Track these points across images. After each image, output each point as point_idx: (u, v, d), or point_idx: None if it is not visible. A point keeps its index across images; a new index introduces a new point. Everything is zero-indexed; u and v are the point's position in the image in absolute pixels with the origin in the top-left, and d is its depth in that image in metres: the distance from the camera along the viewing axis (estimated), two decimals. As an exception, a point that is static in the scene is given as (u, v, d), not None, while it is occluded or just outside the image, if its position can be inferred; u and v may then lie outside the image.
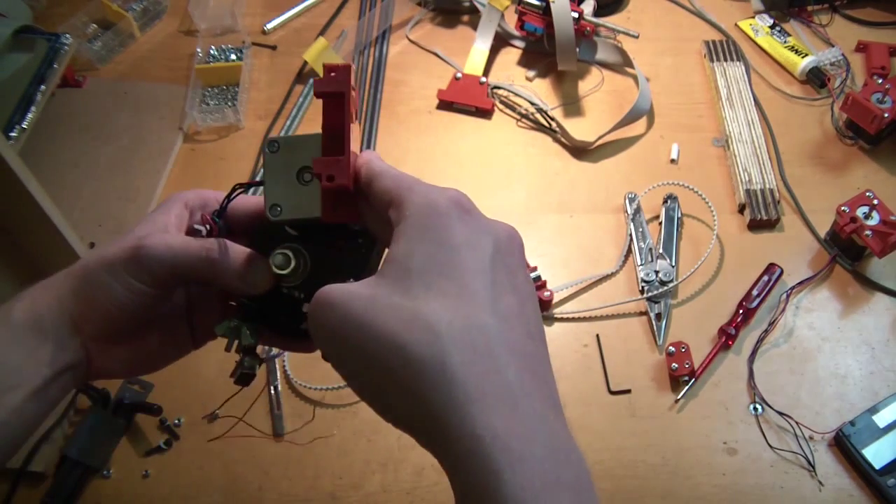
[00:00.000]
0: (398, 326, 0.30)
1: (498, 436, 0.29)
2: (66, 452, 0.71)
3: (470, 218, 0.34)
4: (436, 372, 0.30)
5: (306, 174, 0.40)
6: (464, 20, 1.11)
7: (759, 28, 1.05)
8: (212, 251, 0.40)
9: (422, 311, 0.31)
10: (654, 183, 0.89)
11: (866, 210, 0.80)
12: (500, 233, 0.35)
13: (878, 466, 0.69)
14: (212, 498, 0.71)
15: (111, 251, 0.40)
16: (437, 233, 0.33)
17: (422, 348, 0.30)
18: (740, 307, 0.79)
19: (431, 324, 0.30)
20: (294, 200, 0.40)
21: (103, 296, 0.40)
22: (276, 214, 0.40)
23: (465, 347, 0.30)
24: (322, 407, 0.76)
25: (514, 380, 0.30)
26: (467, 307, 0.31)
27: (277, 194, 0.40)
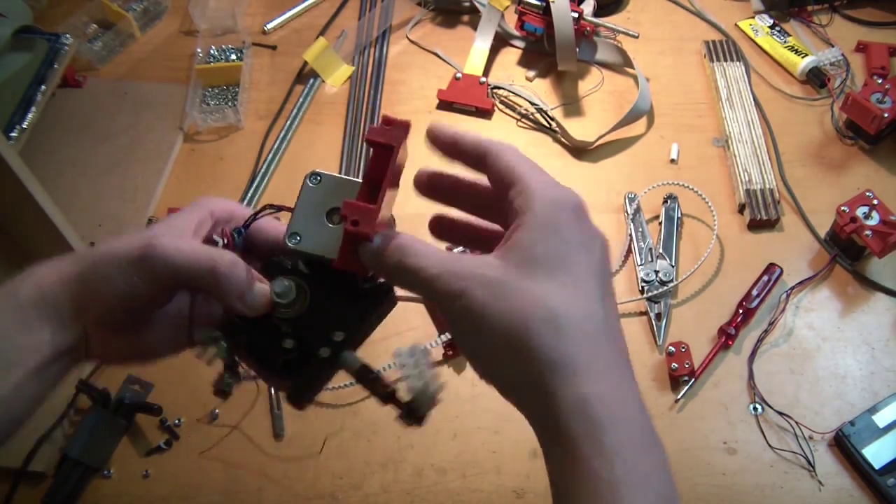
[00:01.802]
0: (525, 307, 0.35)
1: (602, 398, 0.34)
2: (67, 452, 0.71)
3: (587, 221, 0.39)
4: (553, 349, 0.34)
5: (336, 216, 0.40)
6: (464, 20, 1.11)
7: (759, 28, 1.05)
8: (219, 264, 0.40)
9: (546, 297, 0.35)
10: (654, 183, 0.89)
11: (866, 210, 0.80)
12: (604, 239, 0.39)
13: (878, 466, 0.69)
14: (212, 498, 0.71)
15: (122, 245, 0.40)
16: (561, 230, 0.37)
17: (543, 328, 0.34)
18: (740, 307, 0.79)
19: (552, 309, 0.35)
20: (316, 235, 0.40)
21: (106, 288, 0.40)
22: (294, 242, 0.40)
23: (578, 331, 0.35)
24: (322, 407, 0.76)
25: (612, 360, 0.36)
26: (581, 299, 0.36)
27: (302, 224, 0.40)
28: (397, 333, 0.80)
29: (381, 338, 0.80)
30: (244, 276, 0.40)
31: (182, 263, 0.39)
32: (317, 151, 0.97)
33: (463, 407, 0.75)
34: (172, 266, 0.39)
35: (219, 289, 0.40)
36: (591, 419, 0.34)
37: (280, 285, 0.40)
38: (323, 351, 0.41)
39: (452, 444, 0.73)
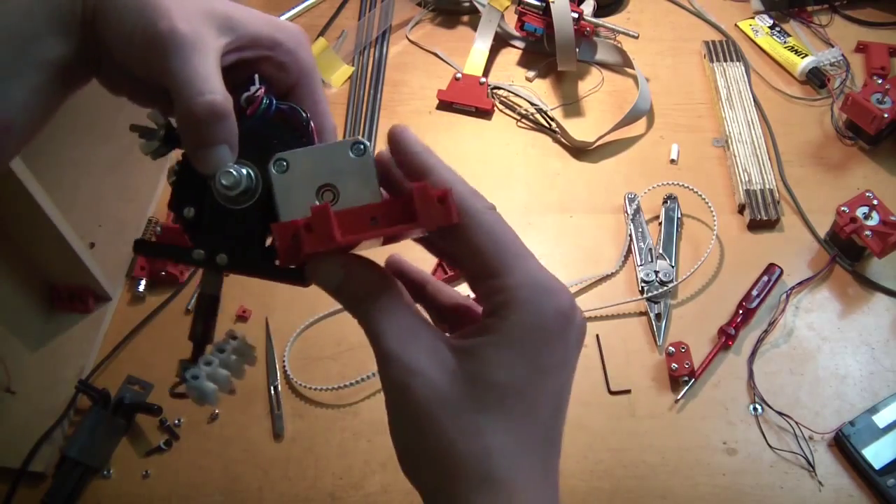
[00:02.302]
0: (459, 437, 0.31)
1: None
2: (66, 452, 0.71)
3: (570, 331, 0.33)
4: (480, 483, 0.31)
5: (327, 191, 0.34)
6: (464, 20, 1.11)
7: (758, 28, 1.05)
8: (215, 111, 0.34)
9: (484, 434, 0.31)
10: (654, 183, 0.89)
11: (866, 210, 0.80)
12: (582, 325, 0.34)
13: (878, 466, 0.69)
14: (212, 498, 0.71)
15: (166, 5, 0.34)
16: (536, 355, 0.32)
17: (474, 463, 0.31)
18: (740, 307, 0.79)
19: (490, 448, 0.31)
20: None
21: (118, 36, 0.35)
22: None
23: (511, 465, 0.31)
24: (322, 407, 0.76)
25: (538, 491, 0.32)
26: (528, 430, 0.32)
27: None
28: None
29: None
30: (222, 134, 0.35)
31: (186, 80, 0.33)
32: (317, 151, 0.97)
33: (463, 407, 0.75)
34: (177, 75, 0.34)
35: (190, 126, 0.34)
36: None
37: (231, 176, 0.35)
38: (197, 253, 0.37)
39: (452, 445, 0.73)
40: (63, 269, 0.79)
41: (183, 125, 0.35)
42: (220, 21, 0.35)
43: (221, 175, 0.35)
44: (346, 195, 0.34)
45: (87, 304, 0.81)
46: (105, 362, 0.79)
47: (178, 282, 0.84)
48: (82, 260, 0.77)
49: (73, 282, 0.81)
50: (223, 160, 0.35)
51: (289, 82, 0.39)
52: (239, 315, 0.82)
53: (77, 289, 0.81)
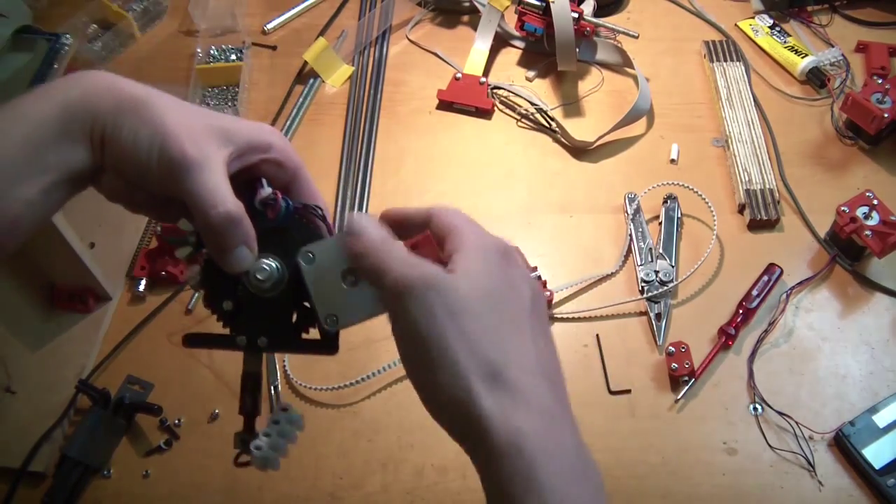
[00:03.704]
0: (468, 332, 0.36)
1: (536, 431, 0.35)
2: (66, 452, 0.71)
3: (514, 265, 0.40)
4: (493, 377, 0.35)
5: (350, 276, 0.40)
6: (464, 20, 1.11)
7: (758, 28, 1.06)
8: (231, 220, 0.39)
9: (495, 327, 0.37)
10: (654, 183, 0.89)
11: (866, 210, 0.80)
12: (534, 283, 0.40)
13: (878, 466, 0.69)
14: (212, 498, 0.71)
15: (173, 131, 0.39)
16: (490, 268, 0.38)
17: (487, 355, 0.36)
18: (740, 307, 0.79)
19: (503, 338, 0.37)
20: (346, 306, 0.41)
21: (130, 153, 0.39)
22: (334, 324, 0.41)
23: (516, 366, 0.36)
24: (322, 407, 0.76)
25: (547, 394, 0.37)
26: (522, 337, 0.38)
27: (328, 304, 0.41)
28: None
29: (382, 337, 0.80)
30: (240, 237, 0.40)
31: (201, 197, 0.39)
32: (317, 151, 0.97)
33: (463, 407, 0.75)
34: (193, 194, 0.39)
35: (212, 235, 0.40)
36: (525, 455, 0.34)
37: (265, 272, 0.41)
38: (240, 339, 0.43)
39: (452, 444, 0.73)
40: (63, 269, 0.79)
41: (205, 235, 0.40)
42: (219, 134, 0.40)
43: (257, 271, 0.41)
44: None
45: (87, 304, 0.81)
46: (105, 362, 0.79)
47: (178, 282, 0.84)
48: (82, 260, 0.77)
49: (73, 282, 0.81)
50: (245, 259, 0.41)
51: (286, 177, 0.44)
52: (239, 315, 0.82)
53: (77, 289, 0.81)
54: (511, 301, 0.38)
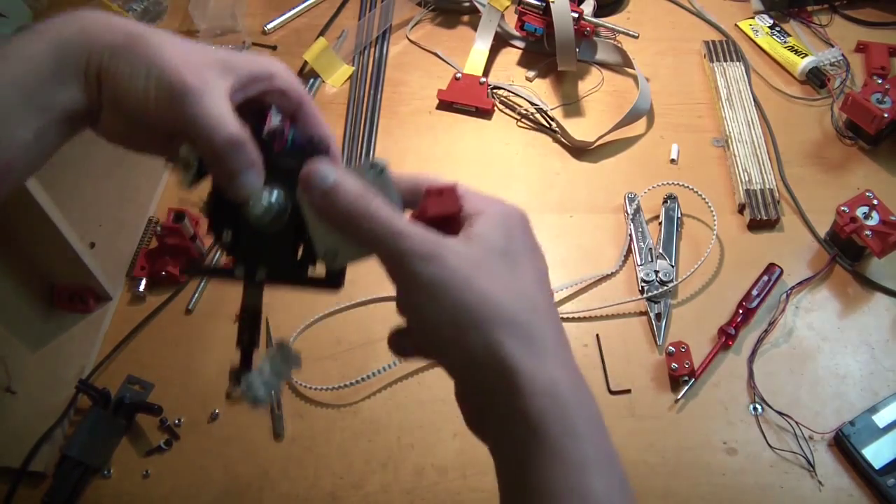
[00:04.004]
0: (500, 285, 0.36)
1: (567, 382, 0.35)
2: (66, 452, 0.71)
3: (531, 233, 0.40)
4: (524, 330, 0.35)
5: None
6: (464, 20, 1.11)
7: (758, 28, 1.06)
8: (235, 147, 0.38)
9: (516, 282, 0.37)
10: (654, 183, 0.89)
11: (866, 210, 0.80)
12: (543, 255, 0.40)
13: (878, 466, 0.69)
14: (212, 498, 0.71)
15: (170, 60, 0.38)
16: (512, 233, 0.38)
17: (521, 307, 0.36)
18: (740, 307, 0.79)
19: (527, 293, 0.37)
20: (346, 243, 0.39)
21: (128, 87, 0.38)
22: (332, 262, 0.40)
23: (544, 321, 0.37)
24: (322, 407, 0.76)
25: (569, 353, 0.38)
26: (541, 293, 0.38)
27: (328, 240, 0.39)
28: (397, 333, 0.80)
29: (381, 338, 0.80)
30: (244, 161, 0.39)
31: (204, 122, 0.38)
32: (317, 151, 0.97)
33: (463, 407, 0.75)
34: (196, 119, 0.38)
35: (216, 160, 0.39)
36: (560, 400, 0.35)
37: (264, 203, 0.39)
38: (238, 270, 0.42)
39: (452, 444, 0.73)
40: (63, 269, 0.79)
41: (210, 161, 0.39)
42: (219, 65, 0.40)
43: (253, 206, 0.39)
44: None
45: (87, 304, 0.81)
46: (105, 362, 0.79)
47: (179, 282, 0.84)
48: (82, 260, 0.77)
49: (73, 282, 0.81)
50: (251, 185, 0.39)
51: (291, 107, 0.43)
52: (239, 315, 0.82)
53: (77, 289, 0.81)
54: (533, 261, 0.38)
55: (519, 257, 0.38)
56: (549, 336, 0.36)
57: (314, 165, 0.38)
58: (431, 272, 0.35)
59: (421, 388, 0.77)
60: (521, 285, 0.37)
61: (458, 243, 0.36)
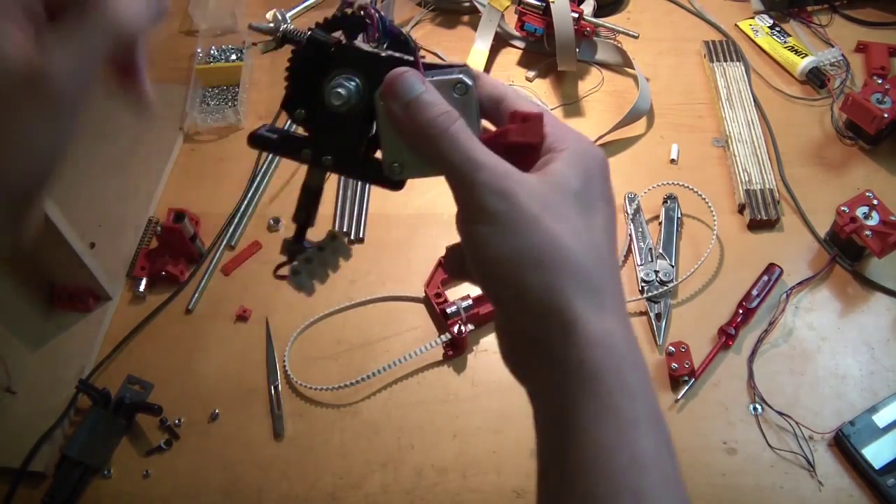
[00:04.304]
0: (568, 228, 0.35)
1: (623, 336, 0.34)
2: (66, 452, 0.71)
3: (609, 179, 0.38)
4: (589, 276, 0.34)
5: None
6: (464, 20, 1.11)
7: (758, 28, 1.06)
8: None
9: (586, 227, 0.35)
10: (654, 183, 0.89)
11: (866, 210, 0.80)
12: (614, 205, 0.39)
13: (878, 466, 0.69)
14: (212, 498, 0.71)
15: None
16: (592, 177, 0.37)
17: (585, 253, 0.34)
18: (740, 307, 0.79)
19: (594, 240, 0.35)
20: (415, 158, 0.37)
21: None
22: (398, 173, 0.38)
23: (607, 269, 0.35)
24: (322, 407, 0.76)
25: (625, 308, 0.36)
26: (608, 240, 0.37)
27: (396, 151, 0.38)
28: (397, 333, 0.80)
29: (381, 338, 0.80)
30: None
31: None
32: (317, 151, 0.97)
33: (463, 407, 0.75)
34: None
35: None
36: (616, 353, 0.33)
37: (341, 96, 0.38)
38: (305, 153, 0.40)
39: (452, 444, 0.73)
40: (63, 269, 0.79)
41: None
42: None
43: (332, 94, 0.38)
44: None
45: (87, 304, 0.81)
46: (105, 362, 0.79)
47: (179, 282, 0.84)
48: (82, 260, 0.77)
49: (73, 282, 0.81)
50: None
51: None
52: (239, 315, 0.82)
53: (77, 289, 0.81)
54: (606, 209, 0.37)
55: (594, 202, 0.36)
56: (610, 288, 0.35)
57: (401, 73, 0.36)
58: (501, 208, 0.34)
59: (421, 388, 0.77)
60: (591, 233, 0.35)
61: (534, 180, 0.35)
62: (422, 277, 0.83)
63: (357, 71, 0.38)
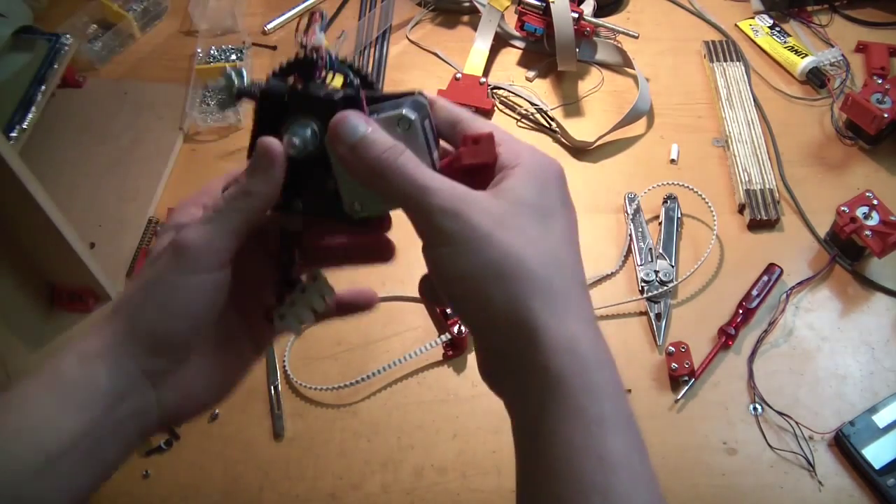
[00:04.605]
0: (523, 240, 0.35)
1: (587, 339, 0.35)
2: (67, 452, 0.71)
3: (566, 188, 0.39)
4: (549, 284, 0.35)
5: None
6: (464, 20, 1.11)
7: (758, 28, 1.06)
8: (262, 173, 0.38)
9: (543, 237, 0.36)
10: (654, 183, 0.89)
11: (866, 210, 0.80)
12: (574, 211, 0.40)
13: (878, 466, 0.69)
14: (212, 498, 0.71)
15: (150, 268, 0.38)
16: (548, 187, 0.38)
17: (542, 262, 0.35)
18: (740, 307, 0.79)
19: (551, 248, 0.36)
20: (372, 194, 0.39)
21: (163, 307, 0.38)
22: (358, 212, 0.40)
23: (569, 274, 0.36)
24: (322, 407, 0.76)
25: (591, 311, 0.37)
26: (569, 247, 0.37)
27: (353, 189, 0.39)
28: (397, 333, 0.80)
29: (381, 338, 0.80)
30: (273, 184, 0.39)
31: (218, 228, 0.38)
32: (317, 151, 0.97)
33: (463, 407, 0.75)
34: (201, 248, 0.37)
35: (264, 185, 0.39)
36: (580, 357, 0.34)
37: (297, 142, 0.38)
38: None
39: (452, 444, 0.73)
40: (63, 269, 0.79)
41: None
42: None
43: (288, 144, 0.38)
44: None
45: (87, 304, 0.81)
46: (105, 362, 0.79)
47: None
48: (82, 260, 0.77)
49: (73, 282, 0.81)
50: None
51: None
52: (239, 315, 0.82)
53: (77, 289, 0.81)
54: (564, 217, 0.38)
55: (550, 212, 0.37)
56: (572, 294, 0.36)
57: (344, 116, 0.37)
58: (455, 227, 0.35)
59: (421, 389, 0.77)
60: (548, 241, 0.36)
61: (486, 198, 0.36)
62: (422, 277, 0.83)
63: (312, 115, 0.39)
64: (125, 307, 0.38)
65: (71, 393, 0.37)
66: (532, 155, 0.38)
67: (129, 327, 0.38)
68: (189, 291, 0.37)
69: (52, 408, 0.36)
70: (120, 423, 0.38)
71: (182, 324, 0.38)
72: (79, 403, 0.37)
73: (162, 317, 0.38)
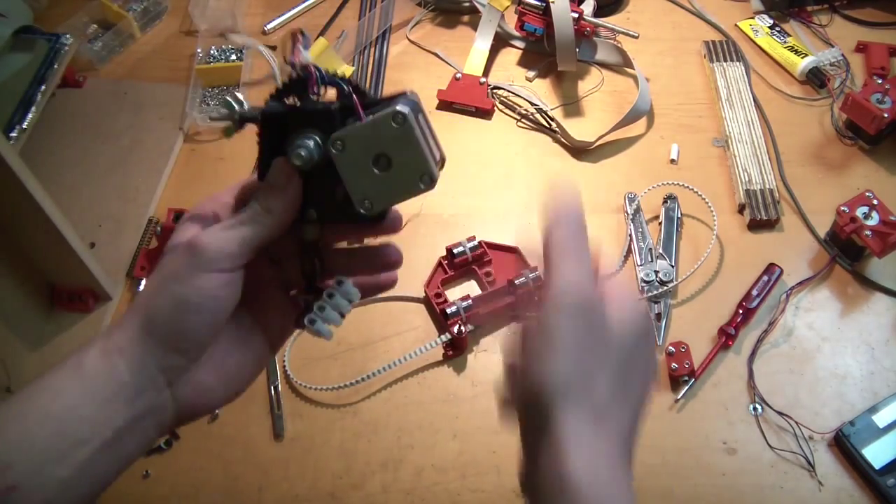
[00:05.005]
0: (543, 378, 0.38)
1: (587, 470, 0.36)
2: (67, 452, 0.71)
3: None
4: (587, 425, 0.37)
5: (382, 160, 0.40)
6: (464, 20, 1.11)
7: (758, 28, 1.06)
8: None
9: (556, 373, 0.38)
10: (654, 183, 0.89)
11: (866, 210, 0.80)
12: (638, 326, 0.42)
13: (878, 466, 0.69)
14: (212, 498, 0.71)
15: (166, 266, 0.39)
16: (636, 326, 0.42)
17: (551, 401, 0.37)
18: (740, 307, 0.79)
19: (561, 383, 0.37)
20: (379, 190, 0.41)
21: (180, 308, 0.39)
22: (369, 209, 0.41)
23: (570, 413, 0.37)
24: (322, 407, 0.76)
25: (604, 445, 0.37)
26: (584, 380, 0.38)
27: (362, 189, 0.41)
28: (397, 333, 0.80)
29: (381, 338, 0.80)
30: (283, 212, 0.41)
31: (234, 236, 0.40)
32: (317, 151, 0.97)
33: (463, 407, 0.75)
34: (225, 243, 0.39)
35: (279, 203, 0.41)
36: (568, 494, 0.35)
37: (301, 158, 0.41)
38: None
39: (452, 444, 0.73)
40: (63, 269, 0.79)
41: None
42: None
43: (294, 157, 0.40)
44: (397, 161, 0.40)
45: (87, 304, 0.81)
46: (105, 362, 0.79)
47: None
48: (82, 260, 0.77)
49: (74, 282, 0.81)
50: None
51: None
52: (239, 315, 0.82)
53: (77, 289, 0.81)
54: (635, 362, 0.40)
55: (627, 350, 0.40)
56: (601, 431, 0.37)
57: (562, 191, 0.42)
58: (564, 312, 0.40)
59: (421, 389, 0.77)
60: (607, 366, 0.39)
61: None
62: (422, 277, 0.83)
63: (313, 128, 0.41)
64: (143, 303, 0.39)
65: (93, 385, 0.38)
66: (631, 295, 0.44)
67: (147, 323, 0.39)
68: (202, 290, 0.38)
69: (75, 398, 0.38)
70: (139, 418, 0.39)
71: (196, 321, 0.39)
72: (101, 395, 0.38)
73: (175, 314, 0.38)
